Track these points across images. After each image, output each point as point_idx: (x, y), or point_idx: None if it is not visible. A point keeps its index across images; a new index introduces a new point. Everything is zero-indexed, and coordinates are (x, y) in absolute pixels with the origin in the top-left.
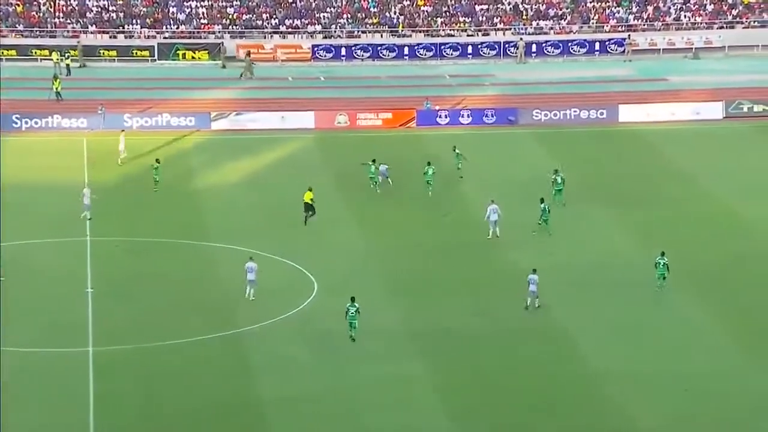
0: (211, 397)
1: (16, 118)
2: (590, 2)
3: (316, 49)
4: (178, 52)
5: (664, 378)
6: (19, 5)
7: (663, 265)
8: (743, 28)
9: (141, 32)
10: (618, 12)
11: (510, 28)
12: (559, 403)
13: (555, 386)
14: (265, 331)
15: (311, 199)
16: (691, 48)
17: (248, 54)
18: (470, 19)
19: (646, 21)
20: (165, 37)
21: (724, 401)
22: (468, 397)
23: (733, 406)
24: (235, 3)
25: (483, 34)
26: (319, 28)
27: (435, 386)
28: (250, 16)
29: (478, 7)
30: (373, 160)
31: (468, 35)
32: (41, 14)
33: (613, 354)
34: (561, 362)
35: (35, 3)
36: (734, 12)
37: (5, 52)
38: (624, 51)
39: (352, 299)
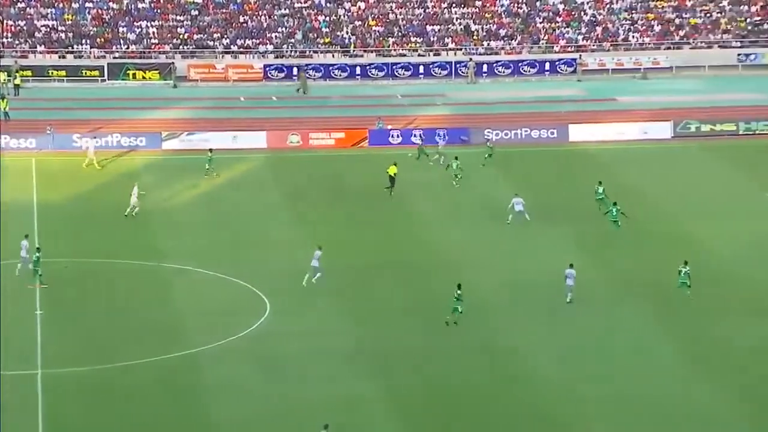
0: (163, 419)
1: None
2: (540, 23)
3: (267, 68)
4: (128, 72)
5: (614, 399)
6: None
7: (684, 274)
8: (690, 48)
9: (90, 52)
10: (567, 32)
11: (461, 48)
12: (510, 424)
13: (506, 407)
14: (217, 352)
15: (395, 174)
16: (640, 68)
17: (302, 71)
18: (421, 39)
19: (596, 41)
20: (115, 57)
21: (671, 422)
22: (420, 418)
23: (680, 426)
24: (185, 23)
25: (434, 54)
26: (270, 47)
27: (387, 408)
28: (201, 36)
29: (429, 28)
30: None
31: (419, 55)
32: None
33: (564, 374)
34: (512, 382)
35: None
36: (681, 33)
37: None
38: (574, 71)
39: (459, 286)
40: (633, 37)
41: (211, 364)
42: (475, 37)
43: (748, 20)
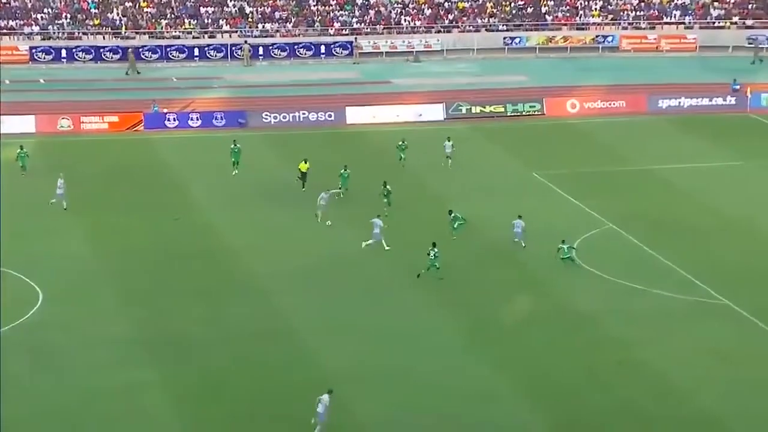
0: None
1: None
2: (314, 5)
3: (34, 51)
4: None
5: (395, 375)
6: None
7: (568, 249)
8: (459, 32)
9: None
10: (341, 15)
11: (236, 31)
12: (293, 406)
13: (289, 389)
14: None
15: (307, 169)
16: (412, 51)
17: (130, 51)
18: (196, 21)
19: (369, 25)
20: None
21: (444, 394)
22: (202, 405)
23: (452, 397)
24: None
25: (209, 37)
26: (37, 29)
27: (169, 395)
28: None
29: (203, 9)
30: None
31: (194, 37)
32: None
33: (342, 354)
34: (294, 365)
35: None
36: (450, 16)
37: None
38: (350, 53)
39: (434, 244)
40: (405, 20)
41: None
42: (250, 20)
43: (513, 4)
